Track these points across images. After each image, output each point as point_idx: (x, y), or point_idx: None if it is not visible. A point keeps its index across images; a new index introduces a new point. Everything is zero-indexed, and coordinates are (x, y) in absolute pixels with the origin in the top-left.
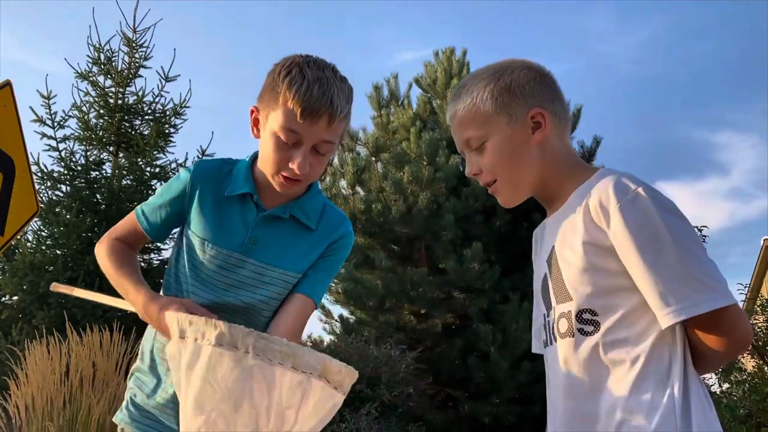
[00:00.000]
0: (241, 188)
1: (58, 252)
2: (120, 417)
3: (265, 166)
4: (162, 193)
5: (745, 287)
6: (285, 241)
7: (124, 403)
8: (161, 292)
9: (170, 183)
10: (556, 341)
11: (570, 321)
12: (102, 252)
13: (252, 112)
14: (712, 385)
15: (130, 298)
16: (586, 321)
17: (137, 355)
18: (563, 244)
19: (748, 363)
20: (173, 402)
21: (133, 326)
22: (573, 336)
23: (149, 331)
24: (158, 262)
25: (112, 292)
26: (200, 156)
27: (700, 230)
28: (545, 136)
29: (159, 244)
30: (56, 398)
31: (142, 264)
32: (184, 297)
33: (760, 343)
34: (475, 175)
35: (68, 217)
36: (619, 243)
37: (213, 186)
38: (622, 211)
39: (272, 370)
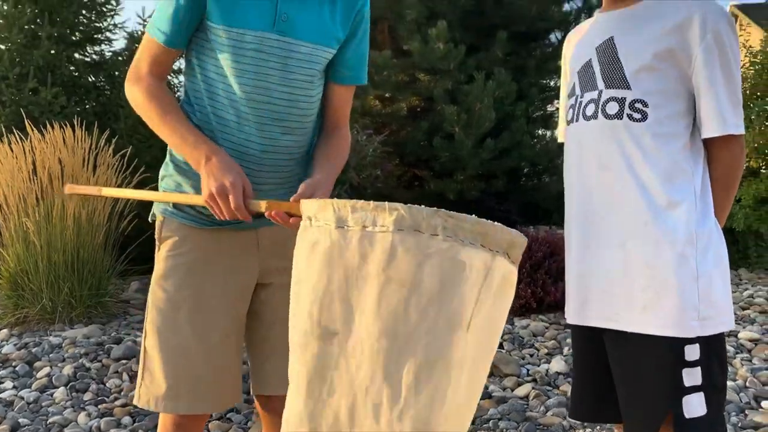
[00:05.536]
0: None
1: (2, 47)
2: (162, 207)
3: None
4: None
5: None
6: (314, 13)
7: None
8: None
9: None
10: (586, 120)
11: (623, 106)
12: (138, 95)
13: None
14: None
15: (184, 152)
16: (637, 110)
17: (103, 149)
18: (633, 38)
19: None
20: None
21: (94, 121)
22: (622, 119)
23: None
24: (110, 54)
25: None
26: None
27: None
28: None
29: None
30: (28, 196)
31: (95, 57)
32: (212, 121)
33: None
34: None
35: (5, 7)
36: (699, 64)
37: None
38: (706, 46)
39: (460, 252)
